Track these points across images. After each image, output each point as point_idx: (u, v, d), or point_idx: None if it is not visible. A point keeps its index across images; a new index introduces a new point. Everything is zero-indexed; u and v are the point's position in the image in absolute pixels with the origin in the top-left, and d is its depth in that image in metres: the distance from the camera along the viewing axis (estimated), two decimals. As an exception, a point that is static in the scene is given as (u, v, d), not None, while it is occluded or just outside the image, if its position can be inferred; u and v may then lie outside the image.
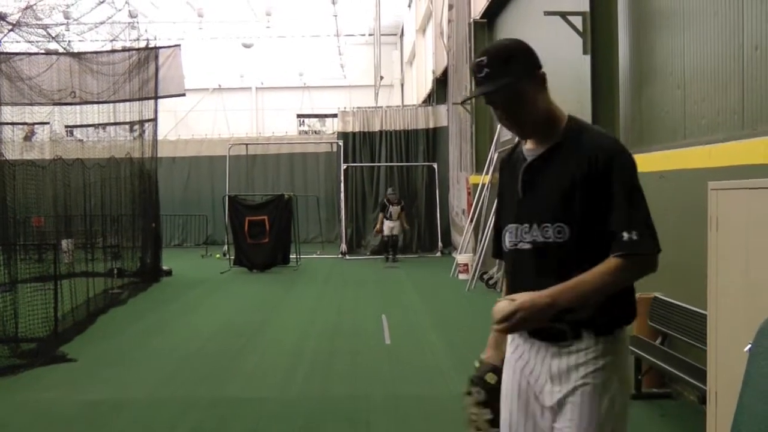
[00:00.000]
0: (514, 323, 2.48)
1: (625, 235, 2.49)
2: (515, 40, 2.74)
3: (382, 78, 31.06)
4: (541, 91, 2.65)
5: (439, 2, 21.66)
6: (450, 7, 18.81)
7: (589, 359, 2.58)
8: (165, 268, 17.03)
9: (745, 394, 2.53)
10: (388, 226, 19.85)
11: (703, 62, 6.54)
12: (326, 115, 33.26)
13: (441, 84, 22.79)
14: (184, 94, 17.97)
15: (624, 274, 2.51)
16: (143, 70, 16.20)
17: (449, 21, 19.13)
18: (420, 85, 29.08)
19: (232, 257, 18.59)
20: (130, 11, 20.55)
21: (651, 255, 2.53)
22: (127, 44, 17.34)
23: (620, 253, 2.48)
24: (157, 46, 17.00)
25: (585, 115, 8.78)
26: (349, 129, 22.84)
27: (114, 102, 16.31)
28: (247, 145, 25.71)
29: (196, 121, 32.79)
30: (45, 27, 14.16)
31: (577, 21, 9.27)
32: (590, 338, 2.58)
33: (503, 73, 2.59)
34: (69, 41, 16.86)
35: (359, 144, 22.74)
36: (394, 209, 19.80)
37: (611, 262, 2.49)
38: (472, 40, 16.35)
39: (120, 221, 15.72)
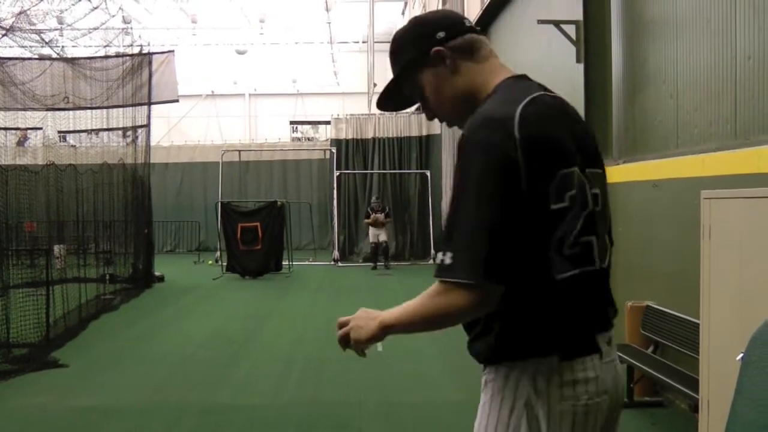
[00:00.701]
0: (341, 333, 2.27)
1: (439, 255, 2.01)
2: (406, 24, 2.35)
3: (375, 85, 31.02)
4: (442, 74, 2.21)
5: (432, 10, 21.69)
6: (444, 15, 18.84)
7: (481, 388, 2.21)
8: (157, 274, 17.00)
9: (738, 403, 2.54)
10: (374, 233, 19.87)
11: (696, 72, 6.58)
12: (319, 122, 33.25)
13: (434, 92, 22.80)
14: (177, 100, 17.97)
15: (438, 302, 2.00)
16: (136, 76, 16.20)
17: (443, 29, 19.13)
18: (413, 92, 29.07)
19: (225, 263, 18.56)
20: (123, 17, 20.56)
21: (463, 286, 1.93)
22: (121, 50, 17.38)
23: (435, 277, 2.01)
24: (151, 52, 17.01)
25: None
26: (342, 136, 22.85)
27: (107, 108, 16.30)
28: (240, 151, 25.69)
29: (189, 127, 32.75)
30: (38, 32, 14.17)
31: (571, 30, 9.31)
32: (482, 366, 2.20)
33: (393, 69, 2.33)
34: (62, 46, 16.89)
35: (352, 151, 22.75)
36: (376, 217, 19.80)
37: (432, 286, 2.04)
38: (466, 48, 16.37)
39: (112, 227, 15.68)
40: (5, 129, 15.78)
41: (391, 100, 2.46)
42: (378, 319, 2.22)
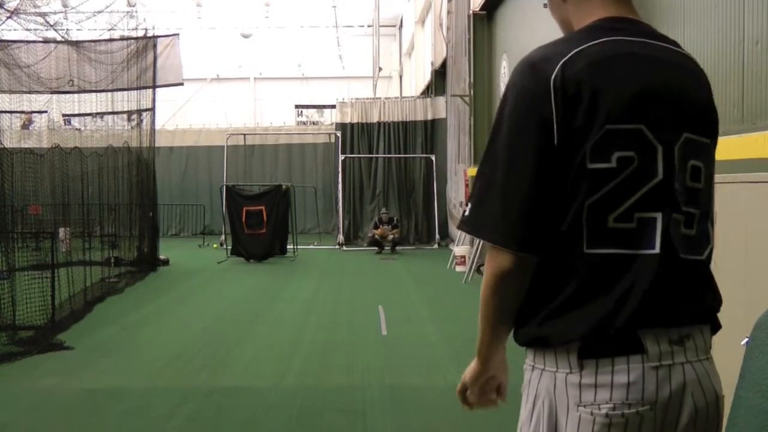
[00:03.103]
0: (458, 390, 2.22)
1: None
2: None
3: (380, 69, 30.99)
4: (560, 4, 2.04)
5: (438, -6, 21.62)
6: (449, -2, 18.78)
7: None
8: (162, 257, 17.03)
9: (742, 388, 2.54)
10: (383, 236, 19.89)
11: (703, 56, 6.54)
12: (324, 106, 33.20)
13: (440, 76, 22.77)
14: (182, 84, 17.93)
15: (487, 264, 1.89)
16: (141, 59, 16.17)
17: (448, 13, 19.09)
18: (418, 76, 29.05)
19: (229, 247, 18.58)
20: (128, 0, 20.50)
21: (479, 238, 1.88)
22: (126, 33, 17.32)
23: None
24: (156, 35, 16.97)
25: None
26: (348, 120, 22.82)
27: (112, 91, 16.30)
28: (245, 135, 25.66)
29: (194, 110, 32.71)
30: (43, 15, 14.13)
31: (577, 14, 9.25)
32: None
33: None
34: (67, 29, 16.83)
35: (357, 135, 22.72)
36: (384, 228, 19.80)
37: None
38: (471, 33, 16.34)
39: (117, 210, 15.70)
40: (10, 112, 15.78)
41: None
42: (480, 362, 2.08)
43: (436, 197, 21.68)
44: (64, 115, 18.08)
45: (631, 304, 1.73)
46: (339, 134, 22.54)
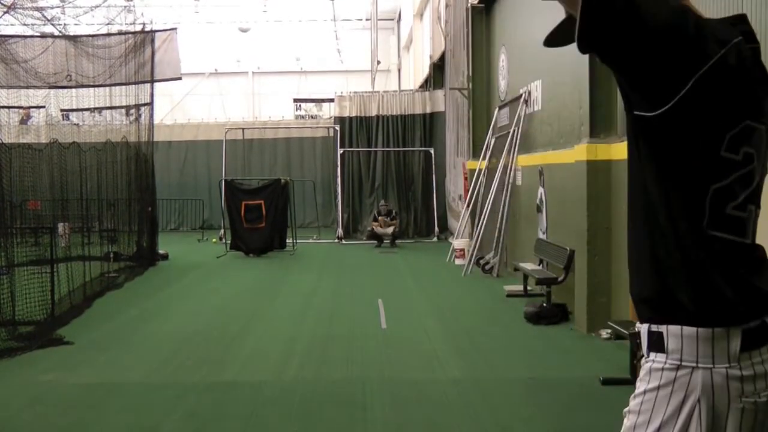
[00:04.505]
0: None
1: None
2: None
3: (379, 63, 30.94)
4: None
5: (436, -13, 21.58)
6: (448, -9, 18.77)
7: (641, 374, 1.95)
8: (161, 252, 17.03)
9: None
10: (382, 231, 19.83)
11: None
12: (323, 100, 33.13)
13: (438, 69, 22.77)
14: (180, 78, 17.91)
15: None
16: (139, 54, 16.14)
17: (447, 6, 19.09)
18: (417, 70, 29.02)
19: (229, 241, 18.58)
20: (126, -6, 20.45)
21: None
22: (123, 28, 17.29)
23: None
24: (154, 29, 16.93)
25: (583, 101, 8.79)
26: (346, 114, 22.80)
27: (110, 86, 16.26)
28: (243, 129, 25.64)
29: (192, 105, 32.67)
30: (40, 10, 14.12)
31: (576, 6, 9.24)
32: (646, 351, 1.94)
33: None
34: (65, 24, 16.81)
35: (356, 129, 22.71)
36: (383, 220, 19.77)
37: None
38: (470, 25, 16.33)
39: (116, 205, 15.69)
40: (8, 107, 15.77)
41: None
42: None
43: (435, 190, 21.69)
44: (62, 110, 18.04)
45: (764, 291, 1.84)
46: (338, 128, 22.53)
